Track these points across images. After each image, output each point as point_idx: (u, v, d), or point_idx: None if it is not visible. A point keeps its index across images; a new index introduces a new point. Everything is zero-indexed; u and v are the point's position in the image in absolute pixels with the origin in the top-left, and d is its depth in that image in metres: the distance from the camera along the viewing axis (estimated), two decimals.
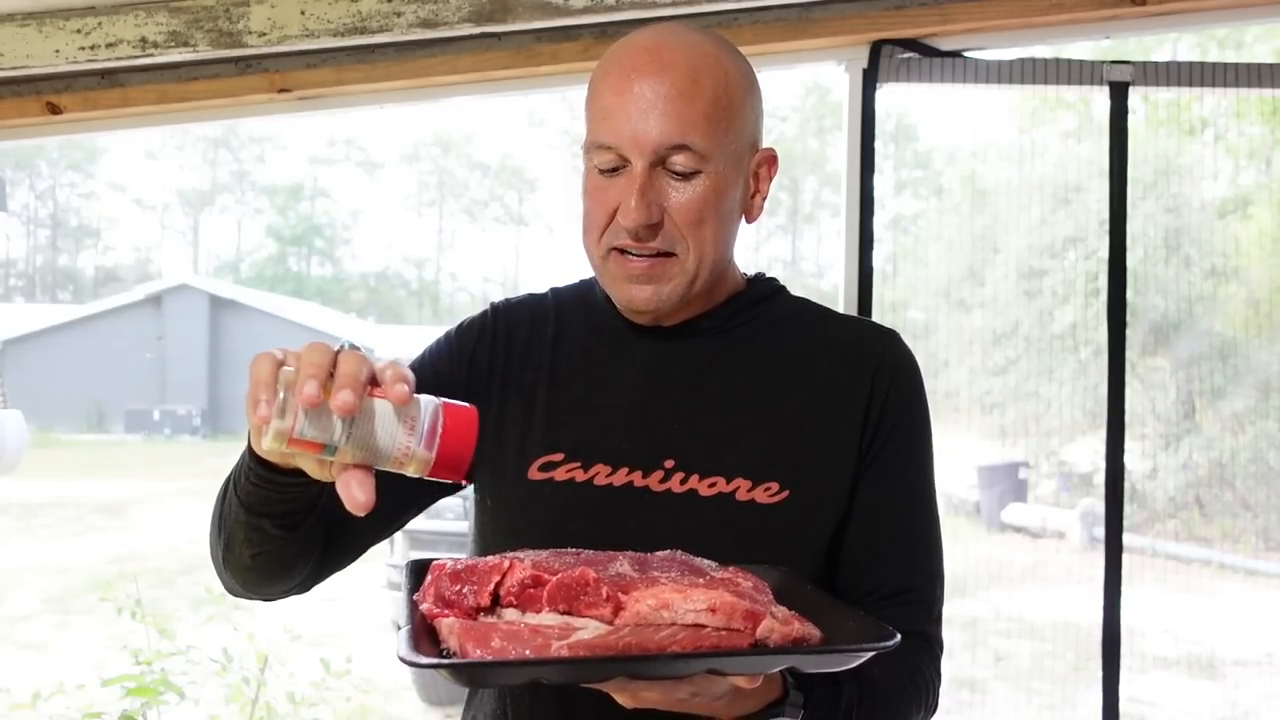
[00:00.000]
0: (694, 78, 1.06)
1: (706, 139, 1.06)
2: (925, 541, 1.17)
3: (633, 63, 1.07)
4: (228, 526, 1.04)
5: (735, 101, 1.09)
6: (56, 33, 2.12)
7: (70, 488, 15.17)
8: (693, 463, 1.11)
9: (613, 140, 1.06)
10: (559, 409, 1.16)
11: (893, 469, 1.15)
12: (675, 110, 1.05)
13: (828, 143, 41.03)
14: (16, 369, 23.53)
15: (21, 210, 43.00)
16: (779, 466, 1.11)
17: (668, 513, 1.10)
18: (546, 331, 1.21)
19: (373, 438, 0.85)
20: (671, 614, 0.84)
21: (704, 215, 1.08)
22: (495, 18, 2.06)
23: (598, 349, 1.18)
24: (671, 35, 1.09)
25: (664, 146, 1.05)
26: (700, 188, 1.07)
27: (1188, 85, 2.32)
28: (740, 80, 1.10)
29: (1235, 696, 6.15)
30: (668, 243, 1.08)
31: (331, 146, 49.46)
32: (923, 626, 1.15)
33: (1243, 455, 7.68)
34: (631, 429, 1.13)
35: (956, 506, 10.10)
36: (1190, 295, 7.30)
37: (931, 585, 1.17)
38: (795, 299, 1.23)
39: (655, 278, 1.09)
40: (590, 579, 0.85)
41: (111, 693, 3.28)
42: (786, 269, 41.57)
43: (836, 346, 1.17)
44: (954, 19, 2.22)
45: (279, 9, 2.09)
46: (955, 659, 5.95)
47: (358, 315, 36.59)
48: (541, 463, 1.13)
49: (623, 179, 1.07)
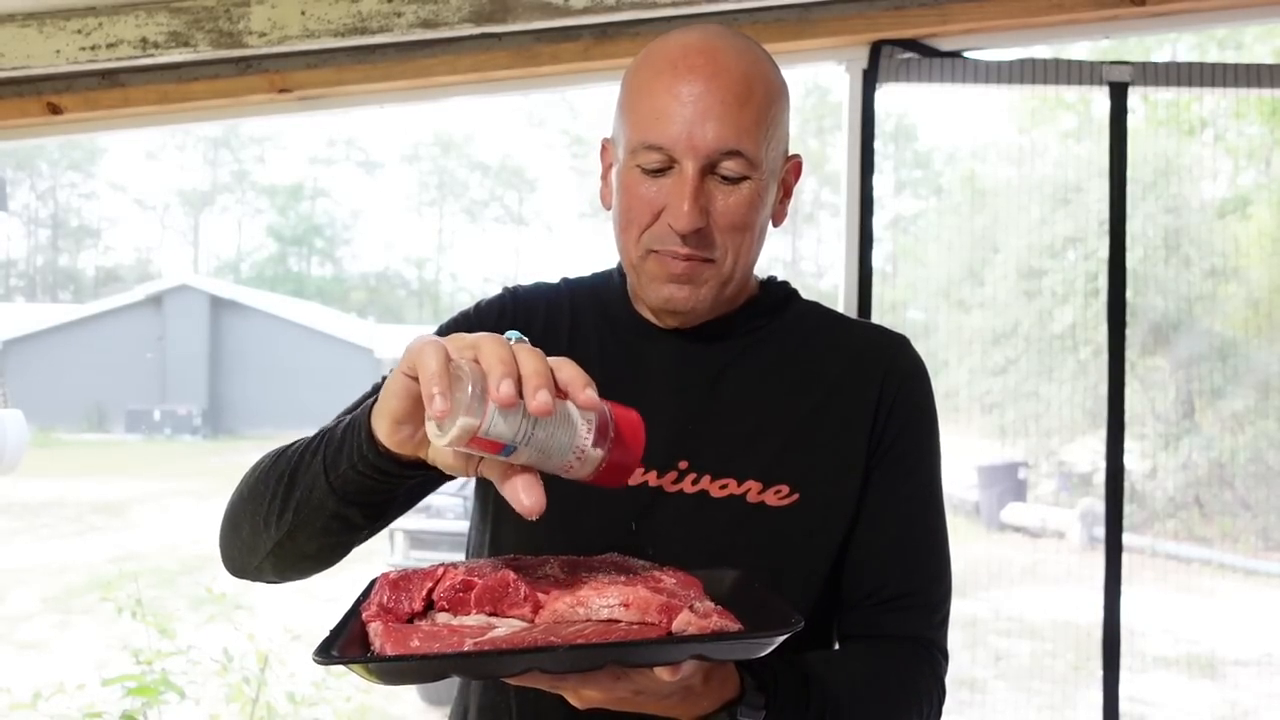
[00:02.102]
0: (747, 84, 1.06)
1: (756, 146, 1.06)
2: (929, 546, 1.17)
3: (687, 63, 1.06)
4: (300, 514, 0.99)
5: (779, 110, 1.09)
6: (57, 33, 2.12)
7: (70, 488, 15.18)
8: (706, 464, 1.11)
9: (665, 141, 1.05)
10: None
11: (898, 473, 1.15)
12: (731, 115, 1.04)
13: (828, 143, 41.02)
14: (17, 369, 23.53)
15: (22, 210, 43.01)
16: (790, 470, 1.11)
17: (679, 513, 1.10)
18: (563, 322, 1.20)
19: (552, 440, 0.84)
20: (587, 610, 0.86)
21: (747, 221, 1.08)
22: (495, 18, 2.06)
23: (614, 345, 1.18)
24: (721, 39, 1.08)
25: (718, 152, 1.05)
26: (746, 193, 1.07)
27: (1187, 85, 2.32)
28: (782, 89, 1.11)
29: (1235, 696, 6.15)
30: (709, 248, 1.08)
31: (331, 146, 49.48)
32: (922, 632, 1.15)
33: (1242, 455, 7.68)
34: (648, 429, 1.13)
35: (956, 506, 10.10)
36: (1190, 295, 7.31)
37: (934, 590, 1.16)
38: (807, 303, 1.24)
39: (693, 279, 1.09)
40: (510, 580, 0.88)
41: (112, 693, 3.28)
42: (786, 269, 41.57)
43: (848, 351, 1.18)
44: (954, 19, 2.22)
45: (279, 9, 2.09)
46: (955, 659, 5.94)
47: (358, 315, 36.59)
48: None
49: (669, 180, 1.07)
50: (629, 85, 1.11)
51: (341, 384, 25.77)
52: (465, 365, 0.81)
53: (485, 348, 0.82)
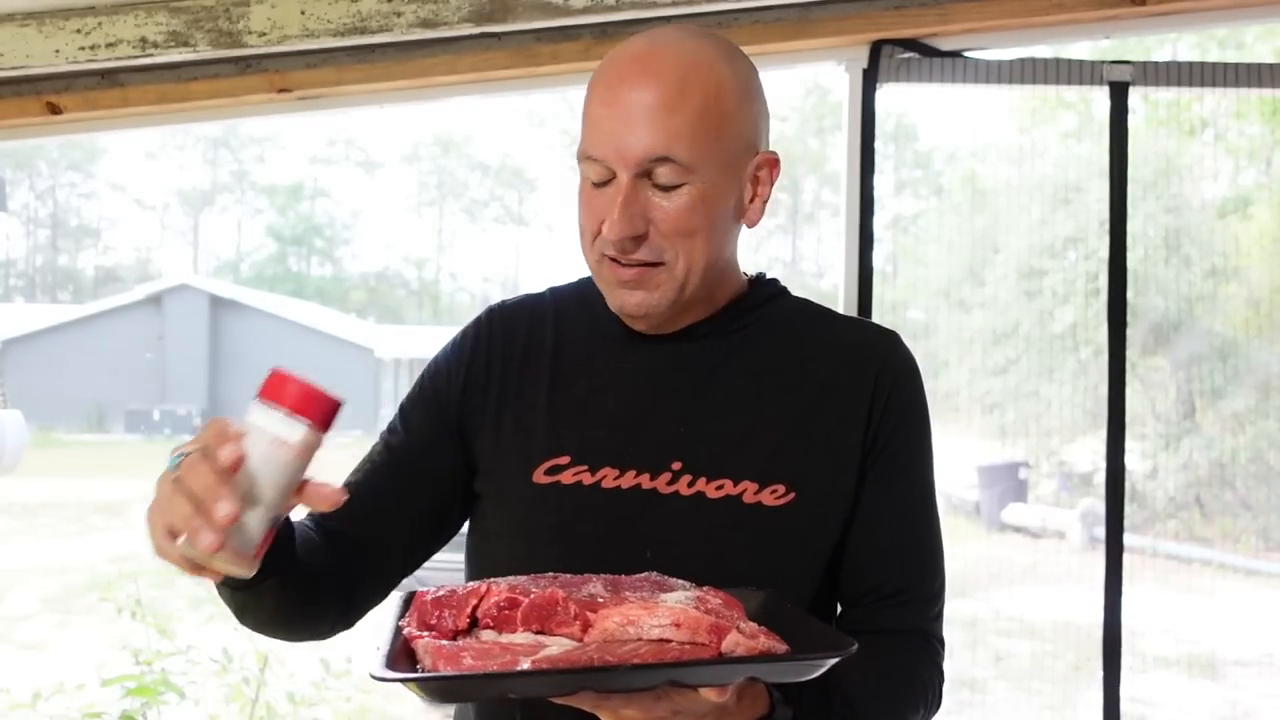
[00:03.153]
0: (680, 87, 1.04)
1: (691, 150, 1.04)
2: (924, 542, 1.18)
3: (620, 72, 1.07)
4: (225, 603, 1.04)
5: (727, 108, 1.07)
6: (56, 33, 2.12)
7: (70, 488, 15.18)
8: (700, 465, 1.11)
9: (599, 153, 1.06)
10: (563, 412, 1.15)
11: (892, 470, 1.15)
12: (659, 122, 1.04)
13: (828, 143, 41.04)
14: (16, 369, 23.54)
15: (21, 210, 43.02)
16: (786, 469, 1.11)
17: (676, 515, 1.10)
18: (546, 334, 1.20)
19: (277, 471, 0.86)
20: (637, 629, 0.87)
21: (691, 226, 1.07)
22: (495, 18, 2.06)
23: (600, 351, 1.18)
24: (664, 42, 1.08)
25: (646, 159, 1.04)
26: (685, 199, 1.06)
27: (1188, 85, 2.32)
28: (735, 85, 1.08)
29: (1235, 696, 6.15)
30: (654, 253, 1.07)
31: (331, 146, 49.49)
32: (921, 625, 1.16)
33: (1243, 455, 7.68)
34: (638, 431, 1.13)
35: (956, 506, 10.10)
36: (1190, 295, 7.31)
37: (930, 584, 1.17)
38: (797, 300, 1.23)
39: (643, 284, 1.09)
40: (560, 599, 0.89)
41: (111, 693, 3.28)
42: (786, 269, 41.60)
43: (839, 348, 1.18)
44: (954, 19, 2.22)
45: (279, 9, 2.09)
46: (955, 659, 5.95)
47: (358, 315, 36.60)
48: (548, 466, 1.13)
49: (611, 189, 1.07)
50: (588, 90, 1.11)
51: (341, 384, 25.67)
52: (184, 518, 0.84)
53: (169, 501, 0.86)
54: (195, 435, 0.90)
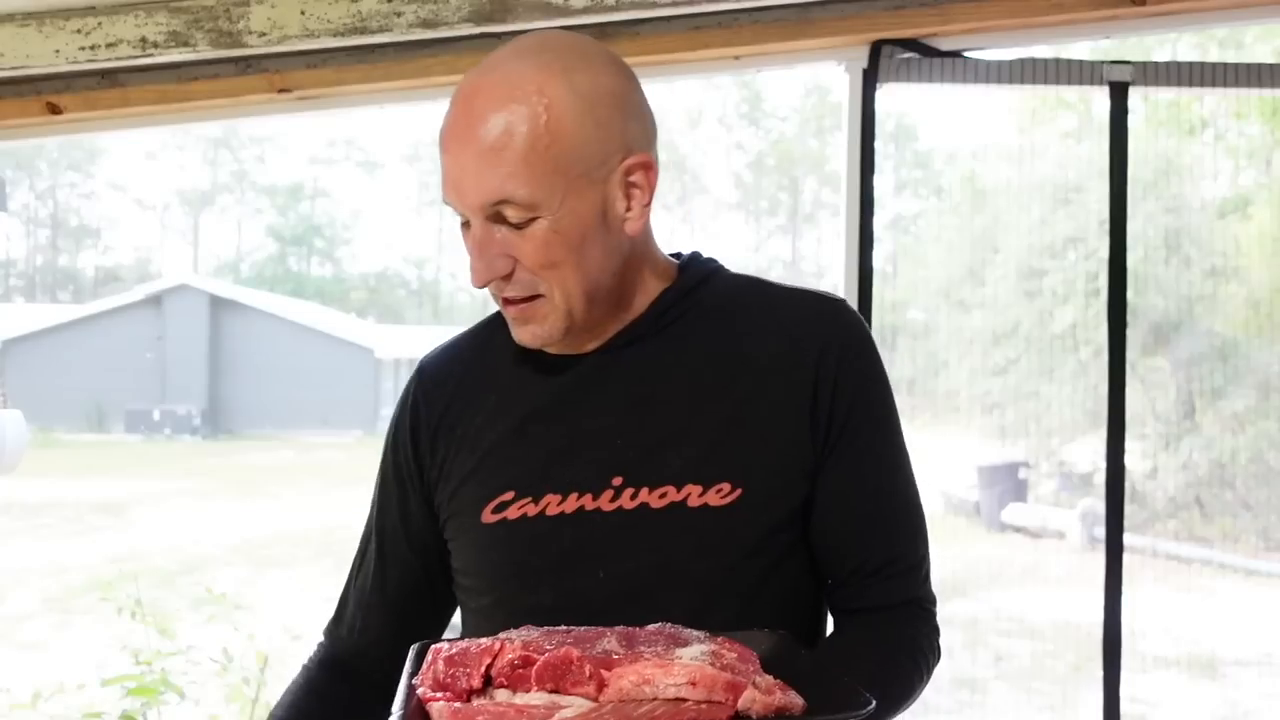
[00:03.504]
0: (504, 127, 1.01)
1: (528, 186, 1.01)
2: (903, 511, 1.15)
3: (453, 115, 1.05)
4: None
5: (559, 130, 1.02)
6: (56, 33, 2.12)
7: (70, 488, 15.17)
8: (640, 476, 1.09)
9: (449, 199, 1.06)
10: (501, 448, 1.15)
11: (857, 448, 1.11)
12: (488, 167, 1.01)
13: (828, 143, 41.03)
14: (16, 369, 23.54)
15: (21, 210, 43.01)
16: (728, 466, 1.08)
17: (622, 531, 1.08)
18: (475, 374, 1.20)
19: None
20: (653, 689, 0.87)
21: (553, 258, 1.04)
22: (495, 18, 2.06)
23: (529, 378, 1.16)
24: (488, 76, 1.05)
25: (485, 206, 1.03)
26: (539, 233, 1.03)
27: (1188, 85, 2.32)
28: (572, 102, 1.03)
29: (1235, 696, 6.15)
30: (527, 287, 1.06)
31: (331, 146, 49.47)
32: (911, 593, 1.15)
33: (1243, 455, 7.68)
34: (575, 453, 1.11)
35: (956, 506, 10.10)
36: (1190, 295, 7.31)
37: (913, 551, 1.15)
38: (732, 278, 1.19)
39: (530, 319, 1.08)
40: (574, 658, 0.88)
41: (111, 693, 3.28)
42: (786, 269, 41.58)
43: (777, 328, 1.14)
44: (954, 19, 2.22)
45: (279, 9, 2.09)
46: (955, 659, 5.95)
47: (358, 315, 36.59)
48: (494, 505, 1.12)
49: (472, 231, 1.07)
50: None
51: (341, 384, 25.80)
52: None
53: None
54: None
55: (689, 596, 1.07)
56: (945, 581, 7.06)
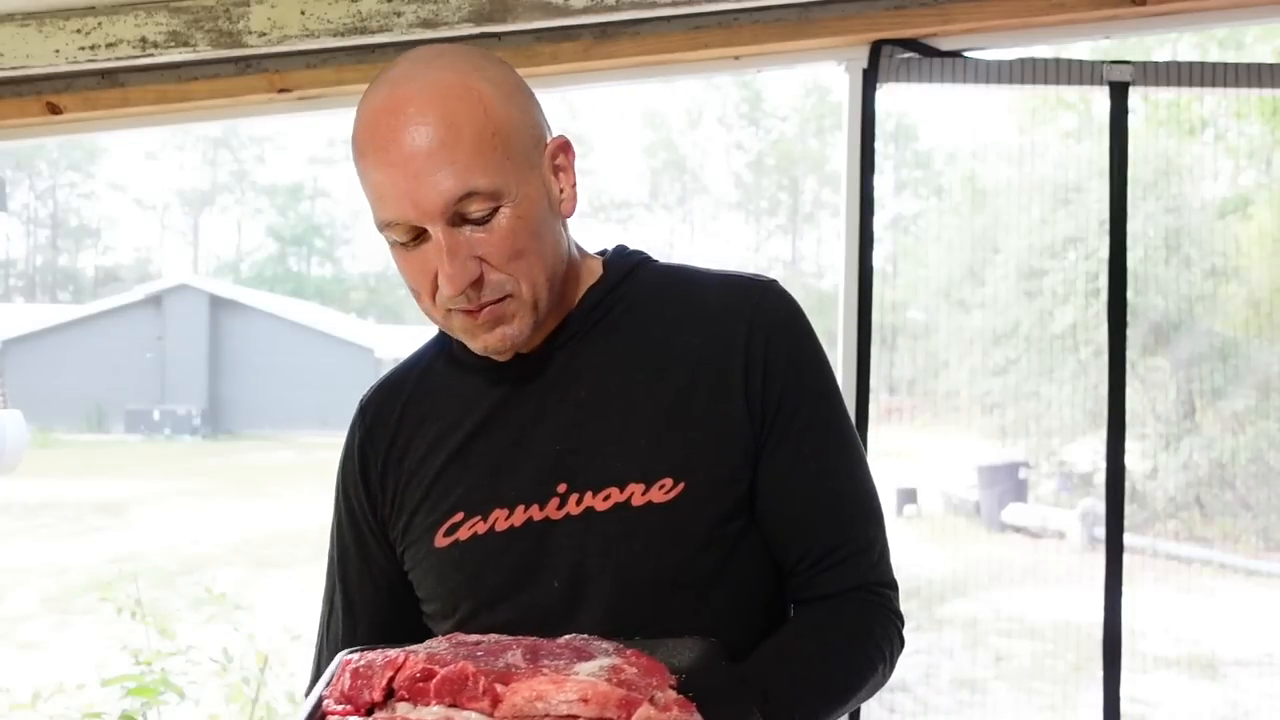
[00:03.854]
0: (448, 121, 1.00)
1: (487, 175, 1.01)
2: (848, 493, 1.13)
3: (381, 132, 1.01)
4: None
5: (500, 120, 1.02)
6: (56, 33, 2.12)
7: (70, 488, 15.17)
8: (583, 480, 1.08)
9: (398, 216, 1.02)
10: (447, 471, 1.14)
11: (795, 431, 1.10)
12: (446, 162, 0.99)
13: (828, 143, 41.04)
14: (16, 369, 23.54)
15: (21, 210, 43.01)
16: (667, 461, 1.07)
17: (571, 538, 1.07)
18: (417, 404, 1.19)
19: None
20: (545, 705, 0.86)
21: (519, 246, 1.04)
22: (495, 18, 2.06)
23: (464, 396, 1.16)
24: (408, 84, 1.02)
25: (451, 203, 1.00)
26: (505, 223, 1.03)
27: (1188, 85, 2.32)
28: (496, 90, 1.04)
29: (1235, 696, 6.15)
30: (496, 290, 1.04)
31: (331, 146, 49.48)
32: (864, 578, 1.11)
33: (1243, 455, 7.68)
34: (517, 465, 1.11)
35: (957, 506, 10.10)
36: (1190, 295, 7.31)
37: (862, 534, 1.12)
38: (659, 269, 1.18)
39: (500, 320, 1.06)
40: (470, 673, 0.88)
41: (111, 693, 3.28)
42: (786, 269, 41.58)
43: (702, 316, 1.12)
44: (954, 19, 2.22)
45: (279, 9, 2.09)
46: (955, 659, 5.95)
47: (358, 315, 36.60)
48: (445, 528, 1.12)
49: (428, 245, 1.03)
50: (353, 158, 1.06)
51: (341, 384, 25.78)
52: None
53: None
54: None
55: (642, 596, 1.07)
56: (945, 581, 7.06)
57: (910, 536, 8.99)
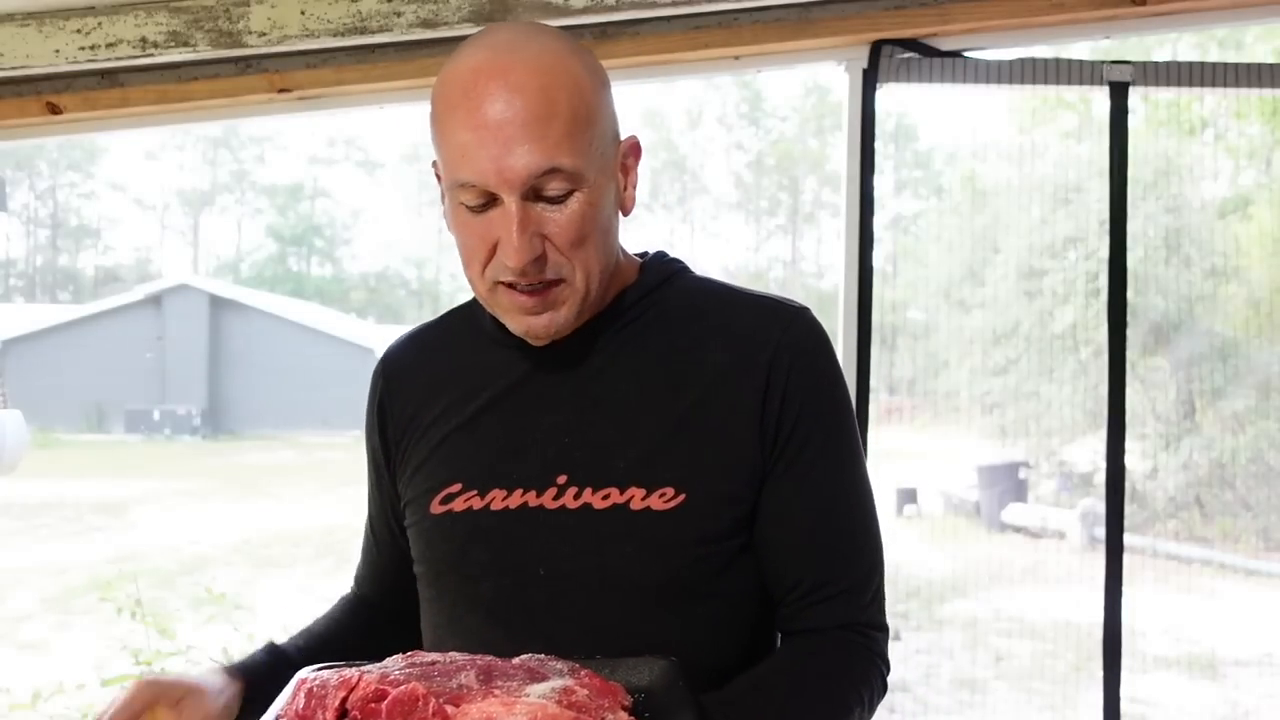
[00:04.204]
0: (548, 96, 1.00)
1: (573, 156, 1.01)
2: (847, 529, 1.11)
3: (480, 91, 1.00)
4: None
5: (592, 106, 1.03)
6: (56, 33, 2.12)
7: (70, 488, 15.17)
8: (585, 476, 1.08)
9: (476, 178, 1.01)
10: (455, 439, 1.15)
11: (804, 460, 1.09)
12: (537, 135, 0.99)
13: (828, 143, 41.04)
14: (16, 369, 23.54)
15: (21, 210, 43.02)
16: (672, 470, 1.06)
17: (563, 530, 1.07)
18: (439, 364, 1.20)
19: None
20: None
21: (584, 233, 1.04)
22: (495, 18, 2.06)
23: (485, 371, 1.16)
24: (512, 53, 1.02)
25: (533, 176, 1.00)
26: (576, 207, 1.03)
27: (1188, 85, 2.32)
28: (591, 80, 1.04)
29: (1235, 696, 6.15)
30: (554, 271, 1.04)
31: (331, 146, 49.50)
32: (853, 617, 1.10)
33: (1243, 455, 7.68)
34: (523, 449, 1.11)
35: (956, 506, 10.10)
36: (1190, 295, 7.31)
37: (857, 572, 1.10)
38: (695, 281, 1.18)
39: (548, 305, 1.06)
40: (420, 694, 0.88)
41: (111, 693, 3.28)
42: (786, 269, 41.58)
43: (733, 332, 1.11)
44: (954, 19, 2.22)
45: (279, 9, 2.09)
46: (955, 659, 5.95)
47: (358, 315, 36.60)
48: (443, 495, 1.13)
49: (496, 213, 1.03)
50: (432, 116, 1.06)
51: (341, 384, 25.78)
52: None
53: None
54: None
55: (626, 599, 1.06)
56: (945, 581, 7.06)
57: (910, 536, 8.99)
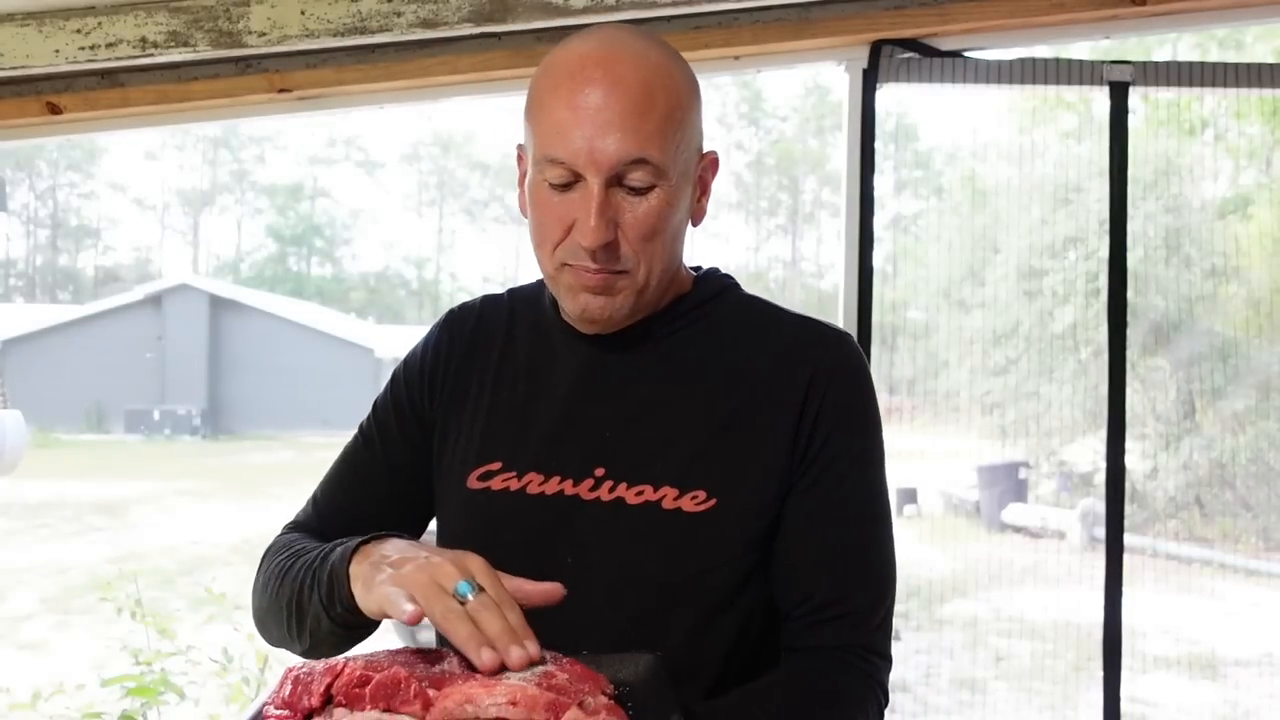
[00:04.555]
0: (648, 91, 1.04)
1: (662, 152, 1.04)
2: (860, 552, 1.12)
3: (584, 75, 1.05)
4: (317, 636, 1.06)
5: (685, 111, 1.07)
6: (56, 33, 2.12)
7: (70, 488, 15.17)
8: (621, 471, 1.11)
9: (566, 156, 1.04)
10: (499, 416, 1.17)
11: (826, 478, 1.11)
12: (632, 125, 1.03)
13: (828, 143, 41.05)
14: (16, 369, 23.54)
15: (21, 210, 43.01)
16: (707, 475, 1.09)
17: (595, 521, 1.09)
18: (496, 337, 1.22)
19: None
20: (475, 708, 0.88)
21: (656, 229, 1.07)
22: (495, 18, 2.06)
23: (540, 355, 1.19)
24: (621, 46, 1.07)
25: (621, 163, 1.03)
26: (655, 202, 1.06)
27: (1188, 85, 2.32)
28: (688, 88, 1.09)
29: (1235, 696, 6.15)
30: (621, 261, 1.07)
31: (331, 146, 49.52)
32: (858, 640, 1.11)
33: (1243, 455, 7.68)
34: (564, 437, 1.14)
35: (956, 506, 10.10)
36: (1190, 295, 7.31)
37: (868, 594, 1.12)
38: (744, 298, 1.21)
39: (609, 289, 1.08)
40: (402, 677, 0.90)
41: (111, 693, 3.28)
42: (786, 269, 41.57)
43: (776, 351, 1.15)
44: (954, 19, 2.22)
45: (279, 9, 2.09)
46: (955, 659, 5.95)
47: (358, 315, 36.59)
48: (480, 472, 1.15)
49: (576, 194, 1.05)
50: (532, 97, 1.09)
51: (341, 384, 25.78)
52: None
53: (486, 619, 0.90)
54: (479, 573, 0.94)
55: (649, 596, 1.08)
56: (945, 581, 7.06)
57: (910, 536, 8.99)
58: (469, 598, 0.91)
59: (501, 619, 0.90)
